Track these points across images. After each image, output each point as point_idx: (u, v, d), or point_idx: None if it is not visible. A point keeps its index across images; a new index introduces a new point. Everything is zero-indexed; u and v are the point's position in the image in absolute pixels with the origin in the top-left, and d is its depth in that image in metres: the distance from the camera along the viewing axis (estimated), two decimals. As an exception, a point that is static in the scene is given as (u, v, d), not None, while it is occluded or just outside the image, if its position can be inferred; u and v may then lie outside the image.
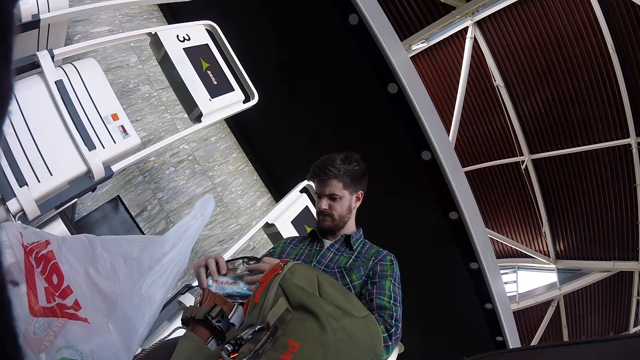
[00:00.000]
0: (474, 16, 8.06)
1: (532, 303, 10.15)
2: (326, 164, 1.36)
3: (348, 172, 1.37)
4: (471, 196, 3.45)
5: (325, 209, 1.37)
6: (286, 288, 0.90)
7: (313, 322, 0.82)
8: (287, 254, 1.44)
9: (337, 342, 0.80)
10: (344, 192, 1.37)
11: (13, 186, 1.59)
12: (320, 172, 1.37)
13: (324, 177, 1.36)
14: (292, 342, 0.77)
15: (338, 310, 0.87)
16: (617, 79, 7.61)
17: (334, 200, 1.37)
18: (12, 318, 0.28)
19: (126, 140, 1.97)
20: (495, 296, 3.48)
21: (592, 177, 8.77)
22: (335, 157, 1.38)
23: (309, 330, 0.81)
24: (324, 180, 1.36)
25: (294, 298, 0.87)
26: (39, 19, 1.93)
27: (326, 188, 1.36)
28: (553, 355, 0.69)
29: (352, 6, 2.86)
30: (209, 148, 3.95)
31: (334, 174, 1.35)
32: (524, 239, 10.32)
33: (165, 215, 3.44)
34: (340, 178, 1.36)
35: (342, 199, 1.37)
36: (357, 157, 1.41)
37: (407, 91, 2.96)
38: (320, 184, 1.38)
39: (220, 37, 2.65)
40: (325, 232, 1.43)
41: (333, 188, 1.36)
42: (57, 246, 0.99)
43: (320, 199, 1.39)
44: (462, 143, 9.50)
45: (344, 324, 0.85)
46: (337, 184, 1.36)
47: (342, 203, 1.38)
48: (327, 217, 1.38)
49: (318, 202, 1.41)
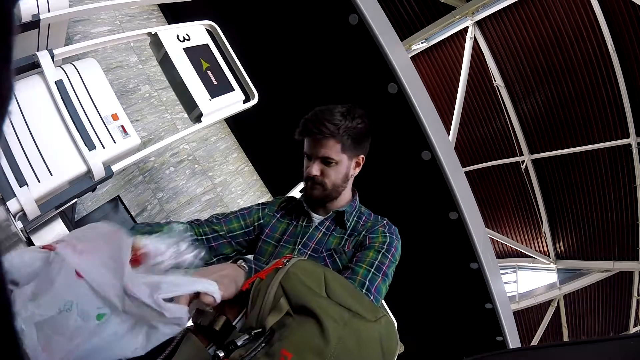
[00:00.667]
0: (474, 16, 8.06)
1: (532, 303, 10.16)
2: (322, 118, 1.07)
3: (349, 131, 1.08)
4: (471, 196, 3.45)
5: (316, 174, 1.10)
6: (288, 288, 0.80)
7: (313, 328, 0.72)
8: (271, 228, 1.20)
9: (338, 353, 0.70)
10: (342, 157, 1.10)
11: (13, 186, 1.59)
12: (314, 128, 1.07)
13: (317, 135, 1.07)
14: (284, 352, 0.69)
15: (346, 314, 0.76)
16: (617, 79, 7.61)
17: (328, 165, 1.10)
18: (12, 317, 0.28)
19: (126, 140, 1.97)
20: (495, 296, 3.48)
21: (592, 177, 8.78)
22: (334, 110, 1.09)
23: (307, 338, 0.71)
24: (318, 140, 1.08)
25: (296, 299, 0.77)
26: (39, 19, 1.93)
27: (320, 149, 1.08)
28: (553, 355, 0.69)
29: (352, 6, 2.86)
30: (209, 148, 3.95)
31: (331, 133, 1.06)
32: (524, 239, 10.32)
33: (165, 215, 3.44)
34: (339, 138, 1.07)
35: (339, 164, 1.10)
36: (361, 112, 1.12)
37: (407, 91, 2.96)
38: (313, 143, 1.09)
39: (220, 37, 2.65)
40: (313, 202, 1.17)
41: (329, 150, 1.08)
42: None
43: (310, 161, 1.12)
44: (462, 143, 9.50)
45: (351, 329, 0.74)
46: (335, 146, 1.08)
47: (337, 169, 1.11)
48: (318, 185, 1.12)
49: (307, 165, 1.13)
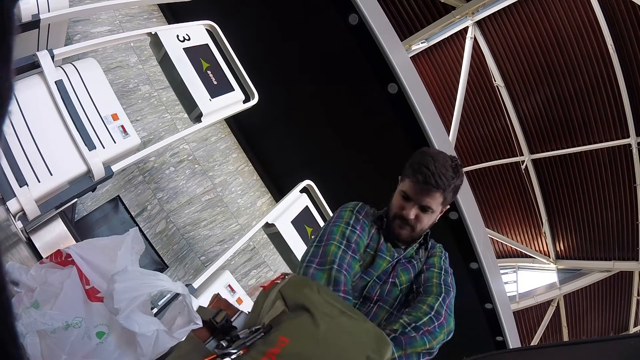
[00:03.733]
0: (474, 16, 8.06)
1: (532, 303, 10.16)
2: (438, 172, 1.09)
3: (455, 188, 1.14)
4: (471, 196, 3.45)
5: (411, 218, 1.14)
6: (286, 294, 0.91)
7: (306, 318, 0.83)
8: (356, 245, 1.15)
9: (330, 339, 0.80)
10: (439, 207, 1.15)
11: (13, 186, 1.59)
12: (430, 179, 1.09)
13: (429, 186, 1.10)
14: (282, 338, 0.79)
15: (335, 310, 0.86)
16: (617, 79, 7.61)
17: (425, 212, 1.14)
18: (12, 318, 0.28)
19: (126, 140, 1.97)
20: (495, 296, 3.48)
21: (592, 177, 8.78)
22: (447, 164, 1.12)
23: (301, 326, 0.82)
24: (427, 190, 1.10)
25: (291, 300, 0.88)
26: (39, 19, 1.93)
27: (426, 198, 1.12)
28: (553, 355, 0.69)
29: (352, 6, 2.86)
30: (209, 148, 3.95)
31: (441, 187, 1.10)
32: (524, 239, 10.32)
33: (165, 215, 3.45)
34: (447, 193, 1.12)
35: (434, 212, 1.15)
36: (462, 169, 1.17)
37: (407, 91, 2.96)
38: (420, 191, 1.12)
39: (220, 37, 2.65)
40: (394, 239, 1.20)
41: (433, 201, 1.12)
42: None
43: (407, 202, 1.15)
44: (462, 143, 9.50)
45: (340, 321, 0.84)
46: (439, 198, 1.12)
47: (431, 217, 1.16)
48: (409, 227, 1.16)
49: (403, 204, 1.15)
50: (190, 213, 3.62)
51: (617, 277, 9.50)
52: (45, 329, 0.98)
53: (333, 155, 3.91)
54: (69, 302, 1.03)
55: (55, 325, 0.99)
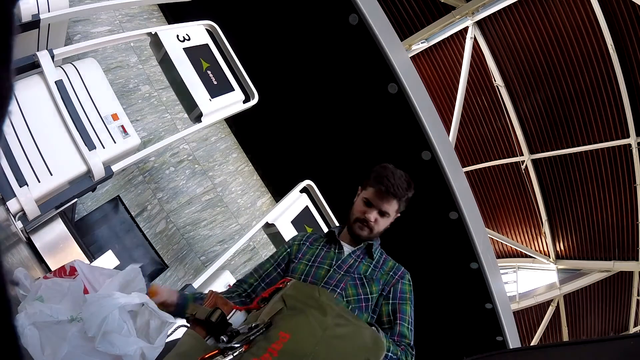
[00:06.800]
0: (474, 16, 8.06)
1: (532, 303, 10.16)
2: (397, 183, 1.33)
3: (408, 199, 1.38)
4: (471, 196, 3.45)
5: (371, 221, 1.35)
6: (286, 295, 0.99)
7: (305, 317, 0.90)
8: (302, 254, 1.42)
9: (329, 337, 0.87)
10: (394, 214, 1.38)
11: (13, 186, 1.59)
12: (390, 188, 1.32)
13: (389, 195, 1.33)
14: (282, 334, 0.84)
15: (334, 312, 0.94)
16: (617, 79, 7.61)
17: (383, 216, 1.36)
18: (12, 318, 0.28)
19: (126, 140, 1.97)
20: (495, 296, 3.48)
21: (592, 177, 8.77)
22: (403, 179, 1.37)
23: (300, 323, 0.88)
24: (387, 197, 1.33)
25: (291, 301, 0.96)
26: (39, 19, 1.93)
27: (385, 204, 1.34)
28: (553, 355, 0.69)
29: (352, 6, 2.86)
30: (209, 148, 3.95)
31: (398, 196, 1.33)
32: (524, 239, 10.33)
33: (165, 215, 3.45)
34: (402, 202, 1.36)
35: (389, 217, 1.38)
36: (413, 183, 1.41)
37: (407, 91, 2.96)
38: (380, 198, 1.34)
39: (220, 37, 2.65)
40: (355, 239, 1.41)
41: (391, 207, 1.35)
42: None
43: (369, 207, 1.36)
44: (462, 143, 9.50)
45: (338, 322, 0.92)
46: (395, 205, 1.35)
47: (387, 221, 1.38)
48: (368, 228, 1.36)
49: (365, 209, 1.36)
50: (190, 213, 3.63)
51: (617, 277, 9.50)
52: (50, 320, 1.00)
53: (333, 155, 3.91)
54: (74, 301, 1.06)
55: (61, 317, 1.01)
